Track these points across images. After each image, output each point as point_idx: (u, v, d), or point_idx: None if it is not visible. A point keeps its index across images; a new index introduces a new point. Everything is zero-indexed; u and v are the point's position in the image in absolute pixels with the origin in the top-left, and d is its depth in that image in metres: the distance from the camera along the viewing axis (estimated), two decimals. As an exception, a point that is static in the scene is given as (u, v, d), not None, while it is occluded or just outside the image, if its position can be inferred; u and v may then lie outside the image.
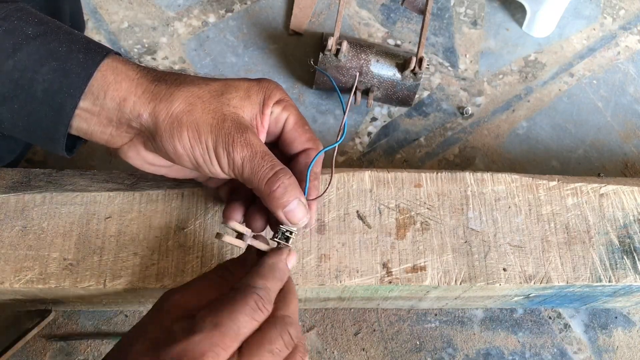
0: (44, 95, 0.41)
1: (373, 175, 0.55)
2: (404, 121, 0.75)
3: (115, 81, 0.42)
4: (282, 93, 0.46)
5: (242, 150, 0.41)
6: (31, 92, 0.41)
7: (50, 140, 0.43)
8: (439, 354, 0.63)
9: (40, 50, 0.41)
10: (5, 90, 0.41)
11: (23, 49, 0.41)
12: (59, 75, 0.41)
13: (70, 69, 0.41)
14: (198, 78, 0.44)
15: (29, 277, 0.49)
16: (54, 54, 0.41)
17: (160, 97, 0.42)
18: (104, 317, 0.62)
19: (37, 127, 0.43)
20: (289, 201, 0.42)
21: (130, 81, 0.42)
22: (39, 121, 0.42)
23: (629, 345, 0.65)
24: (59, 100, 0.41)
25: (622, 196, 0.56)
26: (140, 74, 0.42)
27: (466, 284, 0.51)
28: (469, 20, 0.82)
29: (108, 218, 0.51)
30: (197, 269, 0.50)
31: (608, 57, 0.81)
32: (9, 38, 0.41)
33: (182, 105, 0.41)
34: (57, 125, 0.42)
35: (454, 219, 0.54)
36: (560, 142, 0.76)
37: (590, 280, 0.53)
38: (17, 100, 0.42)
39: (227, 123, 0.42)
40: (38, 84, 0.41)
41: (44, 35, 0.42)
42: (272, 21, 0.79)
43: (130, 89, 0.42)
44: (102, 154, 0.70)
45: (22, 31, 0.41)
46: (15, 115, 0.42)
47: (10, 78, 0.41)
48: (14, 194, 0.51)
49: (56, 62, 0.41)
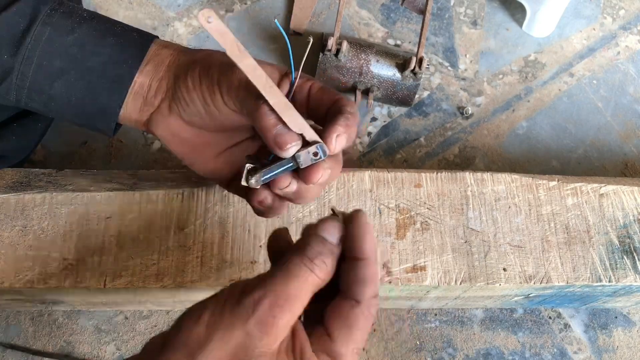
0: (103, 67, 0.44)
1: (373, 175, 0.55)
2: (404, 121, 0.75)
3: (166, 55, 0.45)
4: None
5: (241, 73, 0.40)
6: (89, 65, 0.44)
7: (103, 113, 0.45)
8: (439, 354, 0.63)
9: (98, 28, 0.45)
10: (62, 64, 0.44)
11: (82, 27, 0.44)
12: (117, 49, 0.44)
13: (127, 44, 0.45)
14: None
15: (29, 277, 0.49)
16: (111, 31, 0.45)
17: (188, 52, 0.46)
18: (104, 317, 0.62)
19: (91, 101, 0.45)
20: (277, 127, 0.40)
21: (176, 52, 0.46)
22: (94, 94, 0.45)
23: (629, 345, 0.65)
24: (118, 71, 0.44)
25: (622, 196, 0.56)
26: (177, 46, 0.46)
27: (466, 284, 0.51)
28: (469, 20, 0.82)
29: (108, 218, 0.51)
30: (197, 269, 0.50)
31: (608, 57, 0.81)
32: (67, 18, 0.44)
33: (202, 54, 0.45)
34: (113, 95, 0.44)
35: (454, 219, 0.54)
36: (560, 142, 0.76)
37: (590, 280, 0.53)
38: (73, 72, 0.44)
39: None
40: (97, 56, 0.44)
41: (97, 17, 0.46)
42: (272, 21, 0.79)
43: (173, 58, 0.45)
44: (102, 154, 0.70)
45: (78, 14, 0.45)
46: (71, 88, 0.44)
47: (68, 52, 0.44)
48: (14, 194, 0.51)
49: (114, 38, 0.44)
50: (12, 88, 0.44)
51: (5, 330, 0.61)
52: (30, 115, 0.57)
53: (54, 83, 0.44)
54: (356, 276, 0.37)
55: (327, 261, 0.37)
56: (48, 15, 0.43)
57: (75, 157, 0.70)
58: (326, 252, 0.37)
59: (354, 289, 0.37)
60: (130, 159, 0.70)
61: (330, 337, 0.35)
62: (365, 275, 0.37)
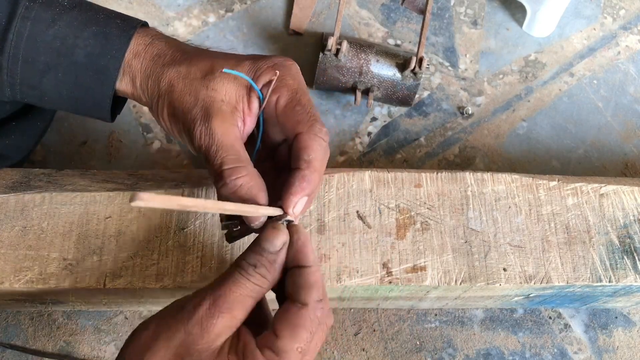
0: (87, 59, 0.43)
1: (373, 175, 0.55)
2: (404, 121, 0.75)
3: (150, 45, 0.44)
4: (273, 72, 0.43)
5: (200, 139, 0.41)
6: (74, 59, 0.43)
7: (96, 104, 0.45)
8: (439, 354, 0.63)
9: (79, 18, 0.43)
10: (47, 59, 0.43)
11: (62, 18, 0.43)
12: (100, 39, 0.43)
13: (110, 32, 0.43)
14: (195, 54, 0.45)
15: (28, 277, 0.49)
16: (93, 20, 0.43)
17: (153, 76, 0.44)
18: (104, 317, 0.62)
19: (82, 93, 0.44)
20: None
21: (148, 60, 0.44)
22: (84, 86, 0.44)
23: (629, 345, 0.65)
24: (103, 62, 0.43)
25: (622, 196, 0.56)
26: (151, 47, 0.44)
27: (466, 284, 0.51)
28: (469, 20, 0.82)
29: (108, 218, 0.51)
30: (197, 269, 0.50)
31: (608, 57, 0.81)
32: (46, 10, 0.43)
33: (166, 86, 0.43)
34: (102, 87, 0.44)
35: (454, 219, 0.54)
36: (561, 142, 0.76)
37: (591, 281, 0.53)
38: (60, 68, 0.43)
39: (196, 109, 0.42)
40: (80, 49, 0.43)
41: (79, 6, 0.44)
42: (272, 21, 0.79)
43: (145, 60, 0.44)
44: (102, 154, 0.70)
45: (58, 3, 0.43)
46: (60, 83, 0.44)
47: (51, 47, 0.43)
48: (14, 194, 0.51)
49: (96, 27, 0.43)
50: (5, 85, 0.44)
51: (5, 330, 0.61)
52: (30, 115, 0.57)
53: (43, 78, 0.44)
54: (301, 282, 0.39)
55: (263, 271, 0.39)
56: (27, 8, 0.42)
57: (75, 157, 0.70)
58: (263, 262, 0.39)
59: (300, 293, 0.39)
60: (130, 159, 0.70)
61: (276, 334, 0.37)
62: (309, 280, 0.39)
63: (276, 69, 0.43)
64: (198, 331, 0.36)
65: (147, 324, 0.38)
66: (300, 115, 0.43)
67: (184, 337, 0.36)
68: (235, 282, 0.38)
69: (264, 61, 0.44)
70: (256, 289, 0.39)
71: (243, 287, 0.38)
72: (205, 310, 0.37)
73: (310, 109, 0.43)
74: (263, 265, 0.39)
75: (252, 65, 0.44)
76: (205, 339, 0.36)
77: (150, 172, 0.56)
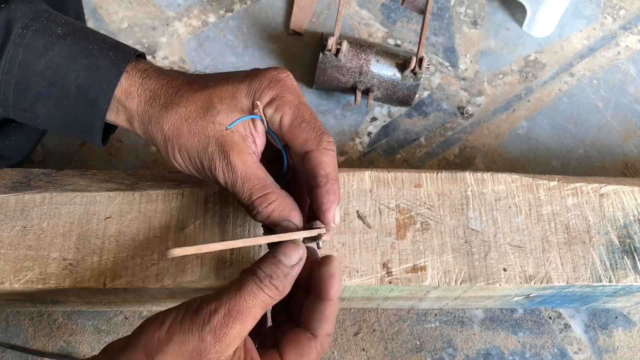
0: (78, 90, 0.43)
1: (373, 175, 0.55)
2: (404, 121, 0.75)
3: (141, 85, 0.44)
4: (273, 90, 0.43)
5: (224, 175, 0.43)
6: (65, 89, 0.43)
7: (86, 132, 0.45)
8: (439, 354, 0.63)
9: (71, 48, 0.43)
10: (39, 87, 0.43)
11: (55, 48, 0.42)
12: (91, 72, 0.43)
13: (102, 65, 0.43)
14: (189, 89, 0.44)
15: (28, 277, 0.49)
16: (85, 52, 0.43)
17: (154, 121, 0.44)
18: (104, 317, 0.62)
19: (73, 122, 0.45)
20: None
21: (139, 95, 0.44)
22: (74, 116, 0.44)
23: (629, 345, 0.65)
24: (93, 95, 0.43)
25: (622, 196, 0.56)
26: (142, 88, 0.44)
27: (466, 284, 0.51)
28: (469, 20, 0.82)
29: (108, 218, 0.51)
30: (197, 269, 0.50)
31: (608, 57, 0.81)
32: (39, 38, 0.42)
33: (170, 130, 0.43)
34: (92, 119, 0.44)
35: (454, 219, 0.54)
36: (561, 142, 0.76)
37: (591, 281, 0.53)
38: (51, 97, 0.43)
39: (211, 147, 0.43)
40: (71, 80, 0.43)
41: (73, 34, 0.43)
42: (272, 21, 0.79)
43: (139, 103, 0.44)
44: (102, 154, 0.70)
45: (52, 31, 0.43)
46: (51, 111, 0.44)
47: (43, 76, 0.43)
48: (14, 194, 0.51)
49: (88, 59, 0.43)
50: None
51: (5, 330, 0.61)
52: None
53: (35, 104, 0.44)
54: (318, 314, 0.41)
55: (277, 283, 0.40)
56: (20, 36, 0.42)
57: (75, 157, 0.70)
58: (278, 274, 0.40)
59: (314, 324, 0.41)
60: (130, 159, 0.70)
61: (282, 357, 0.40)
62: (326, 314, 0.41)
63: (272, 86, 0.43)
64: (211, 339, 0.37)
65: (162, 321, 0.39)
66: (307, 133, 0.43)
67: (198, 344, 0.37)
68: (251, 293, 0.39)
69: (259, 81, 0.44)
70: (268, 300, 0.40)
71: (257, 298, 0.39)
72: (220, 319, 0.38)
73: (315, 122, 0.44)
74: (278, 277, 0.40)
75: (249, 88, 0.44)
76: (216, 348, 0.37)
77: (150, 172, 0.56)
